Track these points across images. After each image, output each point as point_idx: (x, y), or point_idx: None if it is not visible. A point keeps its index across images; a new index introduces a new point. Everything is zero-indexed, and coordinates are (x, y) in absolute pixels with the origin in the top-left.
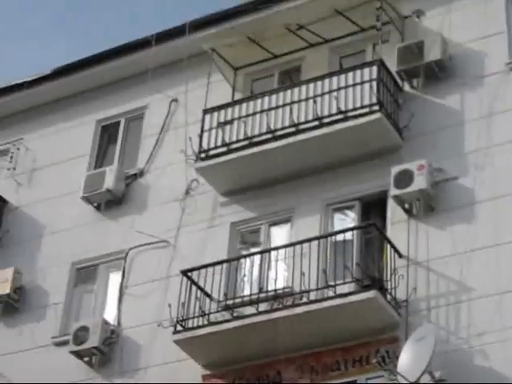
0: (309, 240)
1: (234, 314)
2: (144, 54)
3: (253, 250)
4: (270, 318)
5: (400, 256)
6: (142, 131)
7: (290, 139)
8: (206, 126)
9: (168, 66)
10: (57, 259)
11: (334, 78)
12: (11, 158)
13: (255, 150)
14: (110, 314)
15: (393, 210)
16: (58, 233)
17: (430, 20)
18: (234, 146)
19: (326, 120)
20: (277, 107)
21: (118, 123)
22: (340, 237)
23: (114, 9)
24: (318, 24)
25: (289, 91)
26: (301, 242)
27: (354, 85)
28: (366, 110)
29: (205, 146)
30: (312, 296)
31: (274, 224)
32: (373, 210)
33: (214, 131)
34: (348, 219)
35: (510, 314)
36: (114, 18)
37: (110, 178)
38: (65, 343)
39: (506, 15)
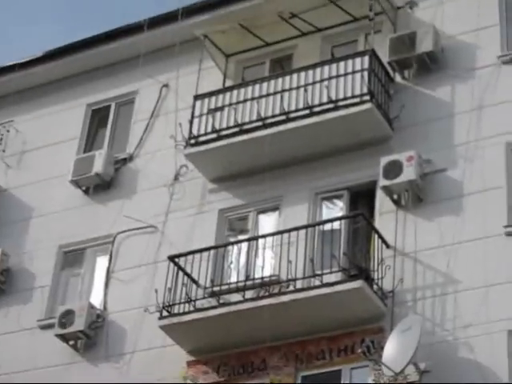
0: (296, 228)
1: (221, 301)
2: (136, 39)
3: (240, 237)
4: (256, 305)
5: (387, 246)
6: (133, 116)
7: (281, 127)
8: (197, 112)
9: (160, 51)
10: (44, 242)
11: (326, 67)
12: (1, 139)
13: (245, 137)
14: (97, 298)
15: (381, 201)
16: (46, 216)
17: (422, 11)
18: (224, 132)
19: (317, 109)
20: (268, 95)
21: (109, 107)
22: (328, 226)
23: None
24: (311, 13)
25: (280, 79)
26: (288, 231)
27: (346, 74)
28: (357, 99)
29: (195, 132)
30: (299, 284)
31: (263, 212)
32: (361, 199)
33: (204, 117)
34: (336, 208)
35: (496, 306)
36: (107, 2)
37: (99, 162)
38: (50, 326)
39: (499, 8)
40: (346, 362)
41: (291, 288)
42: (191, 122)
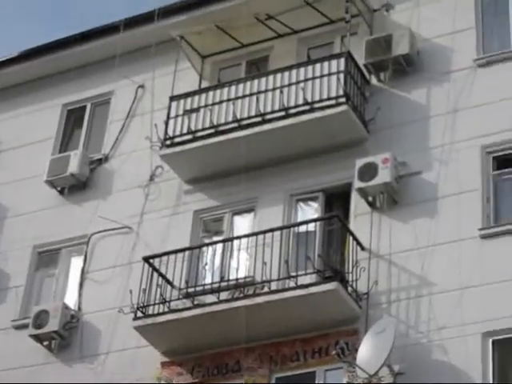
0: (271, 230)
1: (195, 302)
2: (112, 40)
3: (215, 238)
4: (231, 306)
5: (362, 248)
6: (108, 116)
7: (256, 129)
8: (172, 113)
9: (136, 52)
10: (19, 242)
11: (302, 69)
12: None
13: (221, 138)
14: (71, 299)
15: (356, 203)
16: (21, 216)
17: (398, 14)
18: (200, 133)
19: (293, 111)
20: (243, 96)
21: (84, 108)
22: (303, 228)
23: None
24: (287, 14)
25: (256, 81)
26: (263, 232)
27: (322, 76)
28: (333, 101)
29: (170, 133)
30: (273, 286)
31: (238, 213)
32: (336, 201)
33: (180, 118)
34: (311, 210)
35: (470, 309)
36: (84, 3)
37: (74, 163)
38: (24, 326)
39: (475, 11)
40: (320, 364)
41: (266, 289)
42: (167, 123)
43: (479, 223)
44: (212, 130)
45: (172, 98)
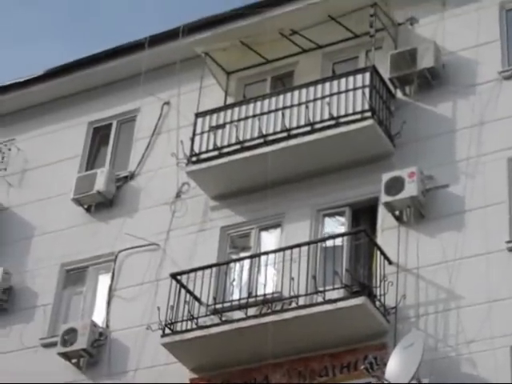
0: (299, 245)
1: (223, 318)
2: (137, 57)
3: (242, 254)
4: (259, 322)
5: (390, 263)
6: (134, 134)
7: (282, 144)
8: (198, 130)
9: (161, 69)
10: (46, 260)
11: (327, 84)
12: (2, 158)
13: (247, 154)
14: (99, 316)
15: (383, 217)
16: (48, 234)
17: (423, 28)
18: (226, 150)
19: (318, 126)
20: (269, 112)
21: (110, 125)
22: (330, 242)
23: (108, 11)
24: (312, 29)
25: (281, 96)
26: (291, 247)
27: (347, 91)
28: (358, 116)
29: (196, 149)
30: (301, 301)
31: (265, 229)
32: (363, 216)
33: (205, 135)
34: (338, 225)
35: (499, 322)
36: (109, 21)
37: (100, 180)
38: (53, 345)
39: (500, 23)
40: (349, 379)
41: (294, 305)
42: (193, 140)
43: (507, 236)
44: (238, 146)
45: (198, 115)
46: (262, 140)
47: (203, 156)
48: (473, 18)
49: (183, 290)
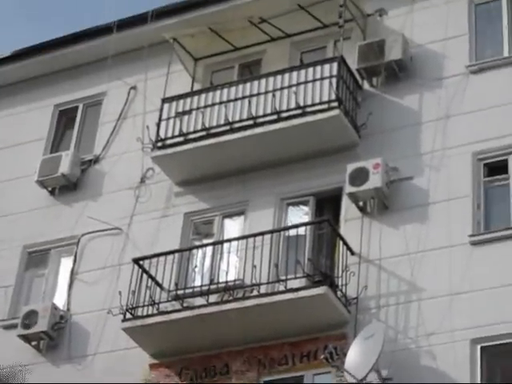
0: (262, 233)
1: (184, 305)
2: (105, 41)
3: (205, 241)
4: (220, 309)
5: (352, 253)
6: (100, 117)
7: (248, 132)
8: (164, 115)
9: (128, 53)
10: (8, 242)
11: (294, 73)
12: None
13: (212, 141)
14: (60, 299)
15: (347, 207)
16: (11, 216)
17: (392, 19)
18: (192, 136)
19: (285, 114)
20: (236, 99)
21: (76, 108)
22: (293, 231)
23: None
24: (281, 18)
25: (248, 84)
26: (254, 235)
27: (314, 80)
28: (325, 106)
29: (162, 135)
30: (263, 289)
31: (228, 216)
32: (327, 206)
33: (171, 120)
34: (302, 214)
35: (460, 315)
36: (77, 3)
37: (65, 163)
38: (13, 326)
39: (468, 17)
40: (308, 368)
41: (255, 293)
42: (158, 125)
43: (469, 229)
44: (204, 133)
45: (164, 100)
46: (227, 127)
47: (168, 142)
48: (442, 11)
49: (145, 275)
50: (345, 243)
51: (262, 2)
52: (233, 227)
